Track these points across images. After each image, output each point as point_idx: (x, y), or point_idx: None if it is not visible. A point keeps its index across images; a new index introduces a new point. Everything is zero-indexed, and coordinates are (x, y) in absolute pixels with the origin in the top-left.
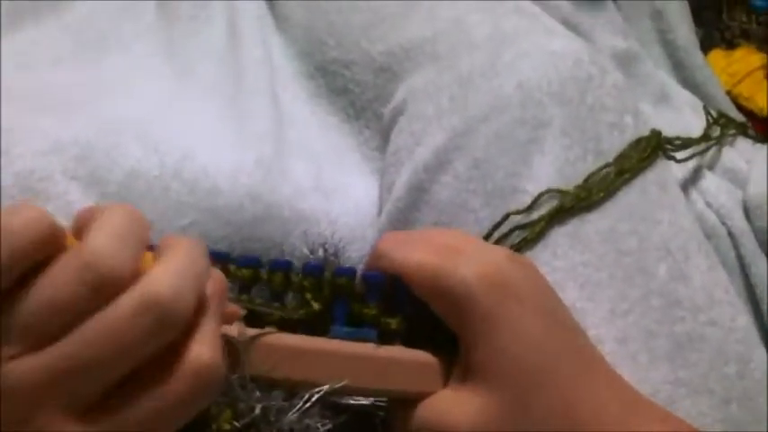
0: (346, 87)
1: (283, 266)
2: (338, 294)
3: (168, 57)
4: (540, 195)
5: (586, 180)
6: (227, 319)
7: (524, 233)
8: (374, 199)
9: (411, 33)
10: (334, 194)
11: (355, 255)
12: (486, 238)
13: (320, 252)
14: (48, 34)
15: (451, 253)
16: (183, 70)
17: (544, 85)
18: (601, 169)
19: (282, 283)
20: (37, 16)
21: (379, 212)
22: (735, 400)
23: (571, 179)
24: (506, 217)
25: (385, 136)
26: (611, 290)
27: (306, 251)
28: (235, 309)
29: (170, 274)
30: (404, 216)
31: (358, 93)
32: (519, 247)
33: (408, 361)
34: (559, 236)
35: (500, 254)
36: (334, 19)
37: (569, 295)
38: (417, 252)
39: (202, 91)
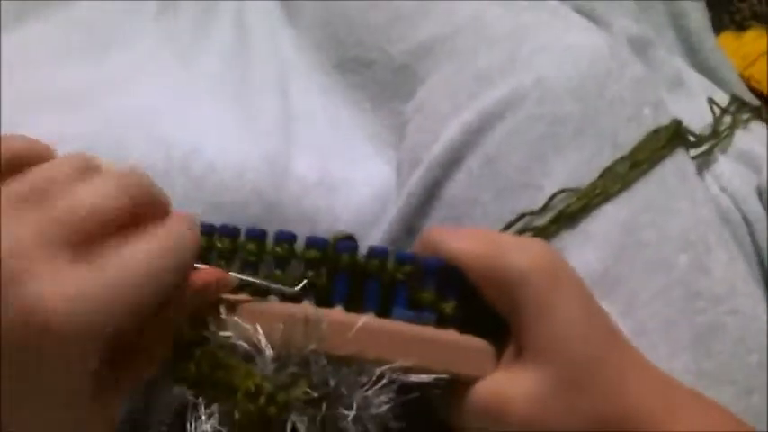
0: (365, 85)
1: (350, 249)
2: (399, 279)
3: (173, 52)
4: (554, 196)
5: (602, 175)
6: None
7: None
8: (380, 194)
9: (430, 31)
10: (338, 190)
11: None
12: None
13: None
14: (55, 30)
15: (501, 244)
16: (188, 65)
17: (563, 81)
18: (616, 163)
19: (349, 264)
20: (44, 11)
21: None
22: (757, 390)
23: (586, 175)
24: (521, 217)
25: (401, 132)
26: (631, 282)
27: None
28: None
29: None
30: (416, 211)
31: (377, 91)
32: None
33: (465, 345)
34: (570, 236)
35: (543, 245)
36: (353, 16)
37: None
38: (470, 242)
39: (208, 85)
